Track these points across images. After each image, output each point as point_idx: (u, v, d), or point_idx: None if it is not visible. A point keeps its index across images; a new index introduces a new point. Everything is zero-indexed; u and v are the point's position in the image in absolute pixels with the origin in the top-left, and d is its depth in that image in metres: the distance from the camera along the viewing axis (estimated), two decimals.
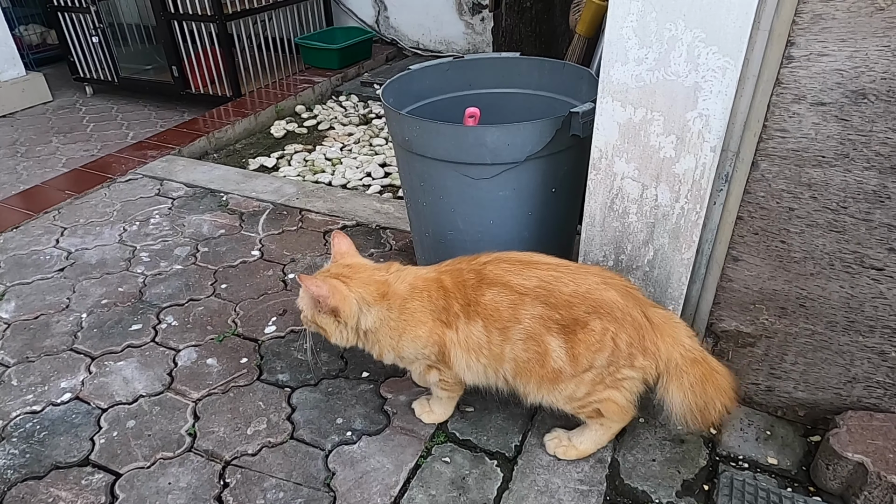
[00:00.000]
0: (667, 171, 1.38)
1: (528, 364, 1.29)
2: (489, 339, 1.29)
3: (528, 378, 1.30)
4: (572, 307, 1.24)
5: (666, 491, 1.37)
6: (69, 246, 2.34)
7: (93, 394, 1.67)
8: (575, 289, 1.25)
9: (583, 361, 1.26)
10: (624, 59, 1.31)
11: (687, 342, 1.28)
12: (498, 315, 1.27)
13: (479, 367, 1.32)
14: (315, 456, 1.48)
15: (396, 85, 1.92)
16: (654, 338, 1.25)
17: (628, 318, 1.24)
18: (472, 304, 1.30)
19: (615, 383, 1.28)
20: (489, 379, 1.36)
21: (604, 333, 1.24)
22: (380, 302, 1.32)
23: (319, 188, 2.73)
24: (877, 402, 1.40)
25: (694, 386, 1.26)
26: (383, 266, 1.41)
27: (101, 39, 3.96)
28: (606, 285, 1.27)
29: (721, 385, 1.27)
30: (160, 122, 3.78)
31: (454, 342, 1.31)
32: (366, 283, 1.33)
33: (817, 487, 1.36)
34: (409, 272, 1.38)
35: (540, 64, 2.04)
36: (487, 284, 1.29)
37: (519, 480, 1.40)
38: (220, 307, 1.99)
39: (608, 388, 1.28)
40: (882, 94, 1.12)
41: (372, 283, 1.33)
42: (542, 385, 1.30)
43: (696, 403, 1.26)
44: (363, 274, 1.35)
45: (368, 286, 1.33)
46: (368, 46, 4.38)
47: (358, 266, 1.39)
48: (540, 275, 1.28)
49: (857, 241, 1.26)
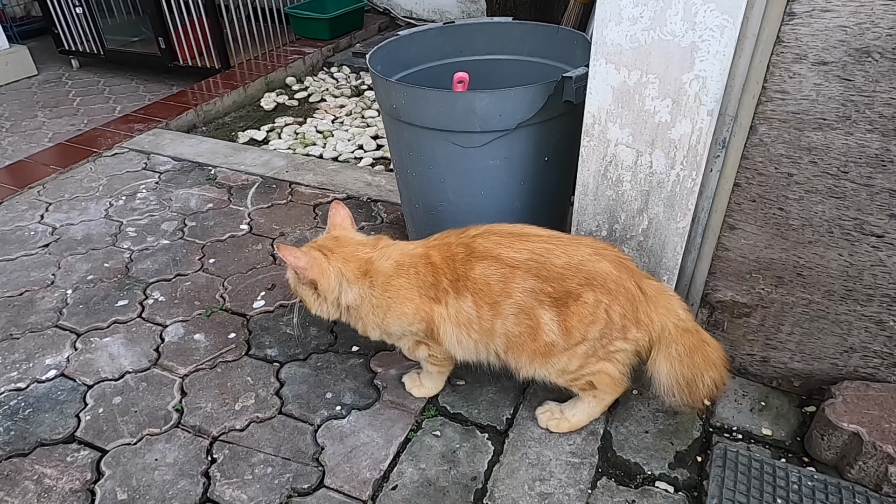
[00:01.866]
0: (662, 137, 1.33)
1: (520, 338, 1.26)
2: (479, 314, 1.25)
3: (520, 352, 1.28)
4: (565, 279, 1.21)
5: (659, 463, 1.36)
6: (54, 221, 2.29)
7: (78, 370, 1.65)
8: (567, 261, 1.22)
9: (576, 334, 1.23)
10: (618, 19, 1.25)
11: (681, 314, 1.26)
12: (488, 289, 1.23)
13: (470, 343, 1.29)
14: (304, 431, 1.46)
15: (385, 51, 1.86)
16: (648, 309, 1.22)
17: (622, 289, 1.21)
18: (461, 279, 1.26)
19: (608, 355, 1.25)
20: (480, 354, 1.33)
21: (597, 306, 1.21)
22: (361, 280, 1.28)
23: (310, 161, 2.67)
24: (874, 371, 1.38)
25: (682, 356, 1.23)
26: (371, 241, 1.36)
27: (85, 10, 3.85)
28: (599, 256, 1.23)
29: (711, 358, 1.25)
30: (148, 95, 3.70)
31: (444, 318, 1.28)
32: (347, 258, 1.29)
33: (811, 458, 1.35)
34: (396, 248, 1.34)
35: (533, 29, 1.97)
36: (477, 258, 1.26)
37: (510, 453, 1.39)
38: (207, 282, 1.96)
39: (601, 360, 1.26)
40: (887, 51, 1.07)
41: (354, 259, 1.29)
42: (535, 359, 1.27)
43: (683, 375, 1.24)
44: (347, 249, 1.31)
45: (349, 262, 1.29)
46: (360, 16, 4.26)
47: (345, 240, 1.35)
48: (531, 247, 1.24)
49: (857, 208, 1.22)
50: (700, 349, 1.24)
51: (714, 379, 1.25)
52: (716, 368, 1.25)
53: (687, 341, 1.23)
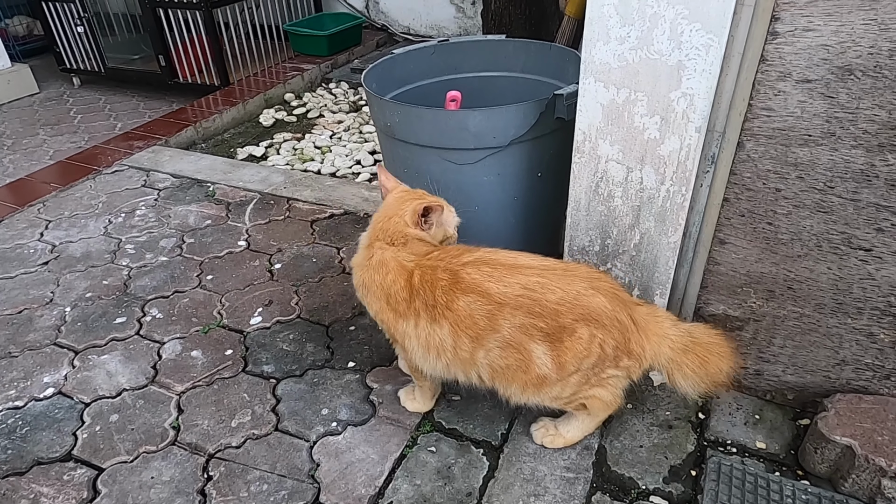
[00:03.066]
0: (652, 153, 1.35)
1: (509, 371, 1.24)
2: (456, 343, 1.23)
3: (510, 382, 1.26)
4: (559, 315, 1.18)
5: (653, 477, 1.36)
6: (53, 239, 2.31)
7: (76, 388, 1.65)
8: (562, 296, 1.18)
9: (569, 368, 1.22)
10: (606, 38, 1.28)
11: (673, 335, 1.25)
12: (471, 322, 1.21)
13: (439, 364, 1.28)
14: (299, 447, 1.46)
15: (380, 69, 1.88)
16: (640, 338, 1.22)
17: (615, 322, 1.20)
18: (439, 307, 1.23)
19: (600, 382, 1.26)
20: (452, 376, 1.32)
21: (591, 340, 1.19)
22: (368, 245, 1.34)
23: (307, 177, 2.70)
24: (866, 384, 1.39)
25: (697, 370, 1.24)
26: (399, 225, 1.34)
27: (87, 29, 3.90)
28: (594, 290, 1.20)
29: (720, 353, 1.26)
30: (148, 112, 3.73)
31: (408, 335, 1.28)
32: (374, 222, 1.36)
33: (805, 471, 1.35)
34: (395, 250, 1.30)
35: (526, 46, 2.00)
36: (462, 291, 1.21)
37: (505, 469, 1.39)
38: (205, 298, 1.97)
39: (594, 386, 1.26)
40: (869, 69, 1.09)
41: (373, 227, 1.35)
42: (527, 389, 1.26)
43: (703, 381, 1.25)
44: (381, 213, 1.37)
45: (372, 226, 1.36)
46: (358, 32, 4.31)
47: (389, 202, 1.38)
48: (524, 281, 1.20)
49: (844, 222, 1.23)
50: (709, 356, 1.24)
51: (730, 366, 1.26)
52: (727, 360, 1.26)
53: (694, 358, 1.23)
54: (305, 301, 1.94)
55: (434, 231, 1.35)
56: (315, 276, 2.05)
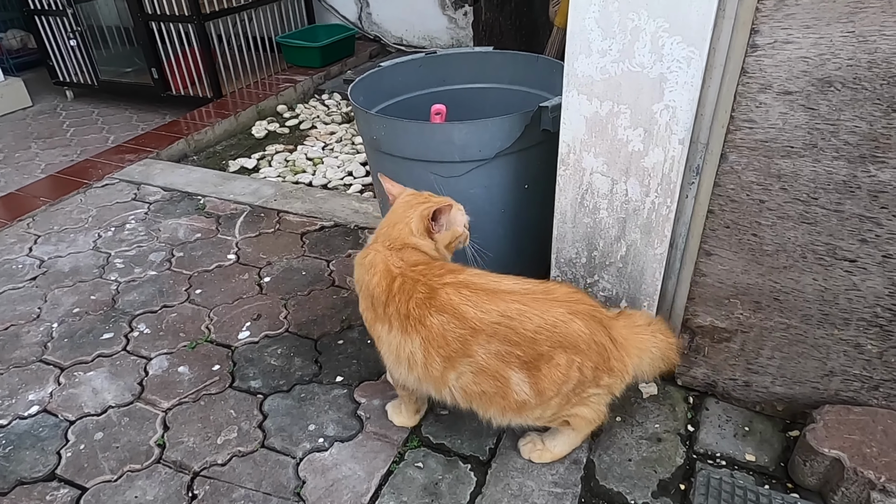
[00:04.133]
0: (636, 165, 1.35)
1: (485, 396, 1.23)
2: (427, 360, 1.21)
3: (489, 406, 1.25)
4: (536, 343, 1.16)
5: (642, 492, 1.35)
6: (42, 254, 2.30)
7: (61, 406, 1.64)
8: (540, 323, 1.16)
9: (549, 393, 1.20)
10: (588, 51, 1.28)
11: (652, 347, 1.26)
12: (443, 342, 1.19)
13: (411, 377, 1.27)
14: (286, 464, 1.45)
15: (367, 82, 1.89)
16: (620, 356, 1.22)
17: (594, 345, 1.18)
18: (412, 319, 1.20)
19: (582, 401, 1.25)
20: (425, 391, 1.31)
21: (570, 366, 1.18)
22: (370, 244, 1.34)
23: (298, 189, 2.69)
24: (854, 395, 1.38)
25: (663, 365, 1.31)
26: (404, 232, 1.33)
27: (79, 43, 3.91)
28: (572, 315, 1.17)
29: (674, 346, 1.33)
30: (141, 124, 3.73)
31: (382, 339, 1.28)
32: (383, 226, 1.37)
33: (795, 484, 1.34)
34: (388, 254, 1.28)
35: (513, 58, 2.00)
36: (437, 309, 1.19)
37: (492, 484, 1.38)
38: (193, 313, 1.96)
39: (575, 405, 1.26)
40: (848, 81, 1.09)
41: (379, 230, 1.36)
42: (507, 413, 1.25)
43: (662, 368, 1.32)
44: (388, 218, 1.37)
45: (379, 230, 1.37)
46: (351, 43, 4.33)
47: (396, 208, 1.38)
48: (503, 308, 1.17)
49: (828, 233, 1.23)
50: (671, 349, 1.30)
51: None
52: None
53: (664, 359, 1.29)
54: (294, 315, 1.93)
55: (444, 233, 1.35)
56: (304, 290, 2.04)
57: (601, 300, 1.56)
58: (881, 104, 1.08)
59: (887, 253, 1.20)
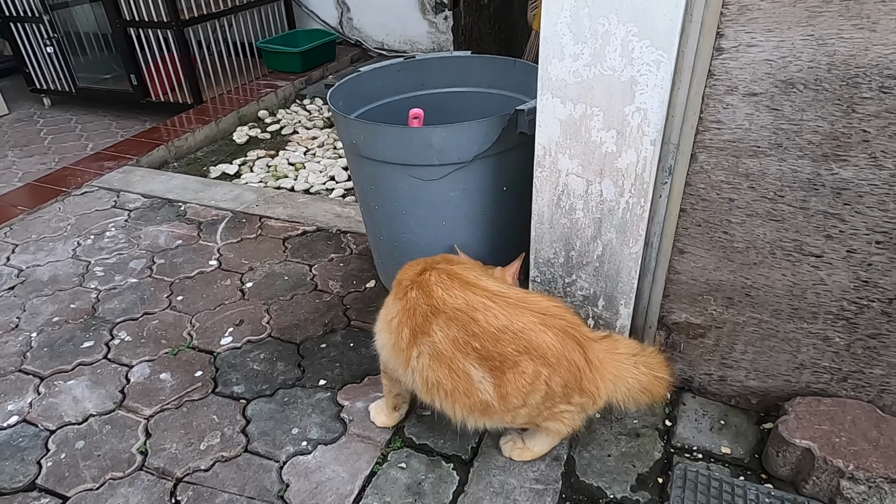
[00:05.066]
0: (610, 166, 1.38)
1: (443, 388, 1.23)
2: (399, 326, 1.25)
3: (452, 402, 1.24)
4: (499, 342, 1.17)
5: (621, 486, 1.37)
6: (20, 263, 2.28)
7: (41, 415, 1.63)
8: (506, 324, 1.17)
9: (513, 401, 1.21)
10: (560, 56, 1.31)
11: (630, 378, 1.24)
12: (412, 314, 1.23)
13: (387, 344, 1.30)
14: (269, 468, 1.45)
15: (347, 87, 1.90)
16: (594, 377, 1.20)
17: (563, 361, 1.18)
18: (402, 287, 1.28)
19: (553, 416, 1.26)
20: (395, 367, 1.31)
21: (536, 377, 1.18)
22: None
23: (280, 194, 2.70)
24: (824, 387, 1.42)
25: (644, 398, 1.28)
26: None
27: (56, 49, 3.87)
28: (544, 326, 1.18)
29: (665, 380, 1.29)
30: (120, 131, 3.71)
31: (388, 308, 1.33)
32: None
33: (769, 474, 1.37)
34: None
35: (491, 62, 2.03)
36: (418, 284, 1.25)
37: (475, 483, 1.39)
38: (175, 320, 1.95)
39: (547, 419, 1.27)
40: (810, 82, 1.13)
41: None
42: (473, 413, 1.24)
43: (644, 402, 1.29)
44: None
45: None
46: (332, 48, 4.34)
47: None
48: (470, 298, 1.20)
49: (795, 230, 1.27)
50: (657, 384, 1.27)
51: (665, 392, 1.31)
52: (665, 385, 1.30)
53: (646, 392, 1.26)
54: (277, 319, 1.93)
55: None
56: (287, 294, 2.04)
57: (579, 299, 1.58)
58: (841, 104, 1.12)
59: (851, 248, 1.24)
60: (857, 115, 1.12)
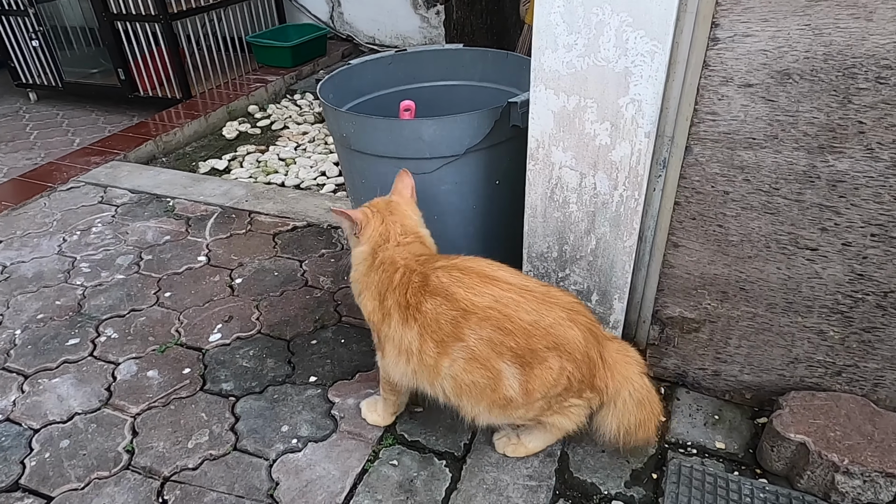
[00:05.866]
0: (604, 159, 1.36)
1: (476, 388, 1.22)
2: (422, 347, 1.22)
3: (478, 401, 1.24)
4: (531, 337, 1.16)
5: (615, 482, 1.36)
6: (4, 260, 2.24)
7: (25, 414, 1.59)
8: (537, 319, 1.16)
9: (535, 395, 1.21)
10: (554, 46, 1.29)
11: (636, 382, 1.26)
12: (436, 326, 1.19)
13: (408, 370, 1.27)
14: (258, 466, 1.43)
15: (337, 80, 1.87)
16: (605, 375, 1.23)
17: (586, 359, 1.20)
18: (410, 308, 1.22)
19: (562, 410, 1.26)
20: (419, 385, 1.31)
21: (561, 373, 1.18)
22: (371, 247, 1.32)
23: (270, 189, 2.66)
24: (819, 381, 1.41)
25: (635, 425, 1.27)
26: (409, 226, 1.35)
27: (42, 43, 3.81)
28: (572, 322, 1.18)
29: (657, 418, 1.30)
30: (108, 126, 3.66)
31: (387, 335, 1.27)
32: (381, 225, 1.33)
33: (763, 469, 1.36)
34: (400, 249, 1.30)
35: (483, 55, 2.01)
36: (430, 293, 1.21)
37: (467, 480, 1.38)
38: (163, 316, 1.92)
39: (555, 413, 1.26)
40: (806, 73, 1.11)
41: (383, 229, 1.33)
42: (493, 409, 1.24)
43: (630, 437, 1.29)
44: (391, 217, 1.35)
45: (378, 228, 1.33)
46: (323, 43, 4.29)
47: (395, 209, 1.37)
48: (497, 294, 1.17)
49: (790, 223, 1.26)
50: (650, 418, 1.28)
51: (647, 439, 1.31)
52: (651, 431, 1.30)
53: (640, 413, 1.26)
54: (266, 316, 1.91)
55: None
56: (277, 290, 2.02)
57: (574, 294, 1.57)
58: (837, 95, 1.11)
59: (846, 241, 1.23)
60: (854, 105, 1.11)
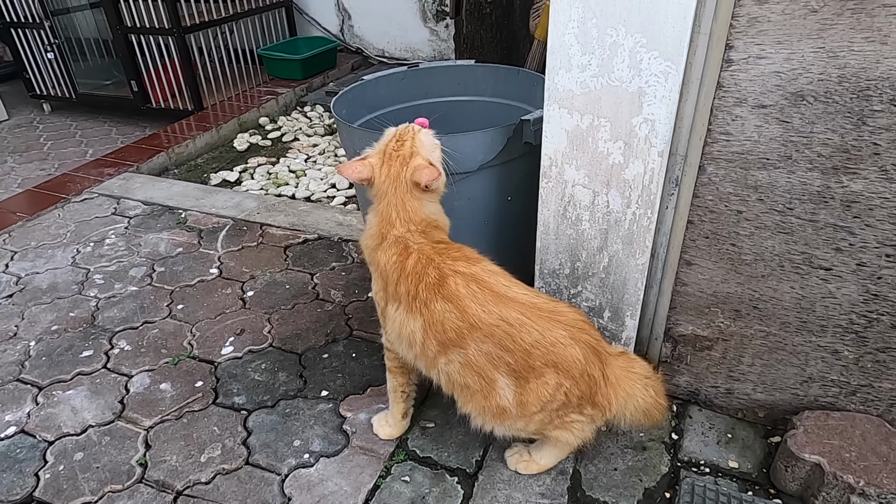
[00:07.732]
0: (616, 177, 1.37)
1: (468, 391, 1.24)
2: (425, 341, 1.24)
3: (468, 401, 1.26)
4: (530, 356, 1.18)
5: (628, 501, 1.36)
6: (19, 271, 2.26)
7: (39, 426, 1.61)
8: (539, 339, 1.17)
9: (531, 408, 1.21)
10: (567, 66, 1.30)
11: (641, 397, 1.26)
12: (440, 329, 1.21)
13: (409, 354, 1.30)
14: (270, 481, 1.43)
15: (350, 96, 1.89)
16: (607, 393, 1.23)
17: (586, 376, 1.20)
18: (419, 301, 1.22)
19: (564, 425, 1.26)
20: (418, 367, 1.33)
21: (558, 388, 1.19)
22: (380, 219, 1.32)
23: (281, 202, 2.68)
24: (833, 400, 1.40)
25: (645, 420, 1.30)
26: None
27: (57, 55, 3.87)
28: (573, 341, 1.19)
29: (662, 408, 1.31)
30: (120, 137, 3.70)
31: (391, 317, 1.29)
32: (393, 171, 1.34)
33: (777, 489, 1.35)
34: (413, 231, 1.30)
35: (495, 71, 2.02)
36: (443, 297, 1.21)
37: (479, 497, 1.37)
38: (175, 329, 1.93)
39: (557, 428, 1.27)
40: (820, 95, 1.12)
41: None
42: (485, 415, 1.25)
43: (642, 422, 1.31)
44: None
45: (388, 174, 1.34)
46: (333, 56, 4.34)
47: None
48: (505, 314, 1.18)
49: (804, 242, 1.26)
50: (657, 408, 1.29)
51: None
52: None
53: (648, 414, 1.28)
54: (278, 329, 1.92)
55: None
56: (288, 303, 2.03)
57: (585, 310, 1.57)
58: (852, 117, 1.12)
59: (861, 261, 1.23)
60: (868, 127, 1.11)
